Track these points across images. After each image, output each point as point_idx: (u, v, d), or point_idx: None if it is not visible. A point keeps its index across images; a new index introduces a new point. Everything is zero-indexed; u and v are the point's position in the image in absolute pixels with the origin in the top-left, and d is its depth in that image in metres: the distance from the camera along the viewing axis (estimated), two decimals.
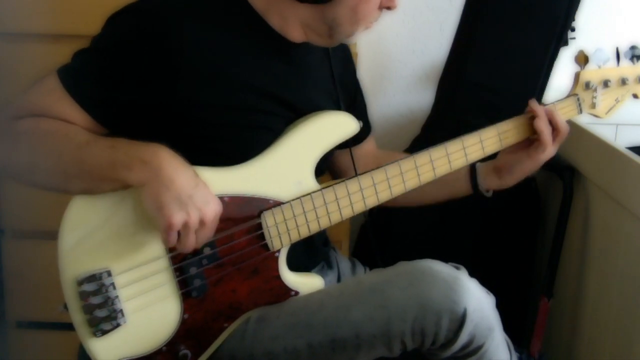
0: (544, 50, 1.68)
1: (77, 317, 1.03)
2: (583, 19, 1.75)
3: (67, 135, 1.01)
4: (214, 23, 1.06)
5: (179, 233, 0.98)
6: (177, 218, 0.96)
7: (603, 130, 1.52)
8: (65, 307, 1.04)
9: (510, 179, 1.27)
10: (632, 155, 1.34)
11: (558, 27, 1.67)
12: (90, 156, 1.00)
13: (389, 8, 1.10)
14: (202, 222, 0.98)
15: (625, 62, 1.30)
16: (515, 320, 1.54)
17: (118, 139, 1.01)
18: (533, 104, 1.23)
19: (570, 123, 1.59)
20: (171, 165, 0.97)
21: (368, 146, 1.35)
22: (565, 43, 1.68)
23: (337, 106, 1.20)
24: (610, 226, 1.45)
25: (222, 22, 1.07)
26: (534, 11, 1.67)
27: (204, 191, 1.00)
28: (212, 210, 0.99)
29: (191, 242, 0.99)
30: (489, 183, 1.28)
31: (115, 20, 1.06)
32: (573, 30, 1.69)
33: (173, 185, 0.96)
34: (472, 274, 1.11)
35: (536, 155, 1.23)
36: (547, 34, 1.67)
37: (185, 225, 0.97)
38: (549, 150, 1.23)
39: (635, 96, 1.33)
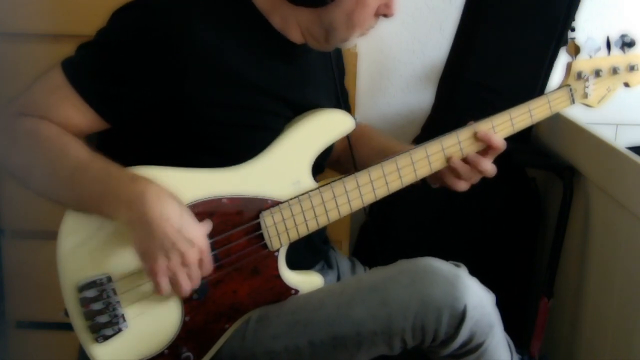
0: (544, 50, 1.68)
1: (78, 323, 1.02)
2: (583, 18, 1.75)
3: (62, 152, 1.00)
4: (219, 22, 1.06)
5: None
6: (159, 265, 0.96)
7: (603, 130, 1.52)
8: (66, 313, 1.04)
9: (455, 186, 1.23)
10: (632, 155, 1.34)
11: (558, 27, 1.67)
12: (80, 185, 1.00)
13: (386, 15, 1.11)
14: (184, 264, 0.98)
15: (616, 51, 1.30)
16: (515, 321, 1.55)
17: (108, 168, 1.00)
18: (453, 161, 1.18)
19: (570, 123, 1.60)
20: (156, 210, 0.96)
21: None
22: (565, 43, 1.68)
23: (337, 105, 1.21)
24: (610, 226, 1.45)
25: (227, 21, 1.07)
26: (534, 11, 1.68)
27: (189, 233, 0.97)
28: (196, 252, 0.98)
29: (184, 285, 0.99)
30: (434, 180, 1.26)
31: (120, 16, 1.05)
32: (573, 30, 1.69)
33: (156, 233, 0.95)
34: (472, 274, 1.12)
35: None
36: (547, 34, 1.68)
37: (169, 269, 0.97)
38: (461, 188, 1.20)
39: (626, 85, 1.33)
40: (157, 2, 1.04)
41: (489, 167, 1.19)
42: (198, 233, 0.99)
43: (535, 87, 1.70)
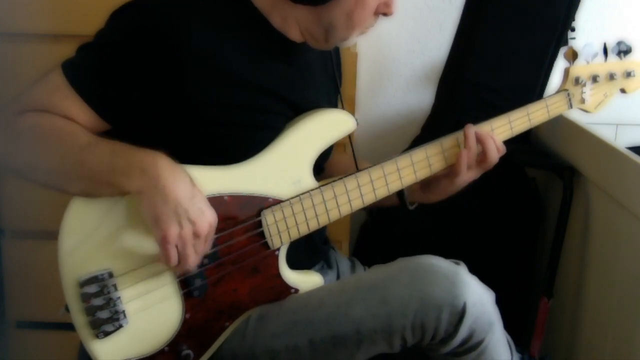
0: (544, 50, 1.68)
1: (79, 319, 1.02)
2: (583, 18, 1.75)
3: (70, 135, 1.01)
4: (219, 21, 1.06)
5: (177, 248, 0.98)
6: (172, 231, 0.96)
7: (603, 130, 1.52)
8: (67, 309, 1.04)
9: (432, 197, 1.25)
10: (632, 155, 1.34)
11: (558, 27, 1.67)
12: (90, 159, 0.99)
13: (385, 14, 1.11)
14: (196, 235, 0.98)
15: (612, 58, 1.32)
16: (515, 321, 1.55)
17: (119, 144, 1.00)
18: (468, 129, 1.20)
19: (570, 123, 1.60)
20: (169, 176, 0.97)
21: None
22: (565, 43, 1.68)
23: (336, 105, 1.21)
24: (610, 226, 1.45)
25: (226, 21, 1.07)
26: (534, 11, 1.68)
27: (200, 203, 0.99)
28: (207, 223, 0.99)
29: (191, 258, 0.99)
30: (414, 196, 1.27)
31: (119, 16, 1.05)
32: (573, 30, 1.69)
33: (169, 198, 0.96)
34: (472, 274, 1.12)
35: (452, 179, 1.21)
36: (547, 34, 1.68)
37: (180, 238, 0.97)
38: (463, 176, 1.20)
39: (622, 91, 1.35)
40: (156, 2, 1.04)
41: (494, 151, 1.19)
42: (208, 205, 1.00)
43: (535, 87, 1.70)
